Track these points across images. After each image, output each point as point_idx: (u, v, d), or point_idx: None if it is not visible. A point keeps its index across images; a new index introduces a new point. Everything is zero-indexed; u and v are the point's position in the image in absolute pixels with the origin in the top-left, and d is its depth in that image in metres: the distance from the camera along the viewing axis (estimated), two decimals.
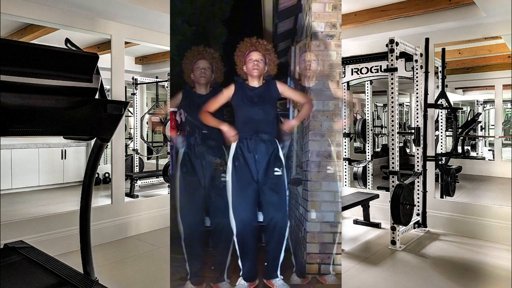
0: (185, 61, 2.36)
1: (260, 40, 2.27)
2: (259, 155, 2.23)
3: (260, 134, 2.24)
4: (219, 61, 2.38)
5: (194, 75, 2.35)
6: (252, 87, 2.28)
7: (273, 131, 2.27)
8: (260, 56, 2.25)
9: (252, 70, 2.25)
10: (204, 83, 2.36)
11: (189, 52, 2.35)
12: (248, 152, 2.23)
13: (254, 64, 2.24)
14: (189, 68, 2.36)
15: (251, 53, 2.25)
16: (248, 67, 2.26)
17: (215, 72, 2.38)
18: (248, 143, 2.24)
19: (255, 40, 2.26)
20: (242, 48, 2.27)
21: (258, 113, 2.25)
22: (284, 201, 2.25)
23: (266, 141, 2.24)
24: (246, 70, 2.27)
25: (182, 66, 2.37)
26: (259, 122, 2.25)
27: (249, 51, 2.25)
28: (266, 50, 2.26)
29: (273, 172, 2.24)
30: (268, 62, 2.28)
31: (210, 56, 2.35)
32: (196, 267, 2.31)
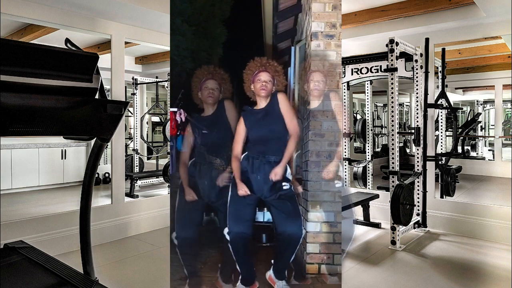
0: (194, 79, 2.36)
1: (270, 61, 2.27)
2: (261, 176, 2.23)
3: (267, 155, 2.24)
4: (228, 82, 2.38)
5: (202, 94, 2.35)
6: (259, 110, 2.29)
7: (281, 149, 2.24)
8: (269, 77, 2.26)
9: (260, 91, 2.26)
10: (212, 103, 2.36)
11: (199, 70, 2.35)
12: (251, 172, 2.24)
13: (262, 85, 2.25)
14: (197, 87, 2.36)
15: (260, 74, 2.26)
16: (256, 87, 2.26)
17: (223, 92, 2.38)
18: (254, 162, 2.24)
19: (265, 61, 2.27)
20: (252, 67, 2.28)
21: (265, 133, 2.26)
22: (297, 211, 2.23)
23: (272, 163, 2.23)
24: (254, 89, 2.28)
25: (191, 84, 2.37)
26: (267, 142, 2.25)
27: (259, 71, 2.26)
28: (275, 71, 2.27)
29: (281, 187, 2.23)
30: (276, 83, 2.28)
31: (220, 77, 2.35)
32: (196, 267, 2.31)
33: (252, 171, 2.24)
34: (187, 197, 2.31)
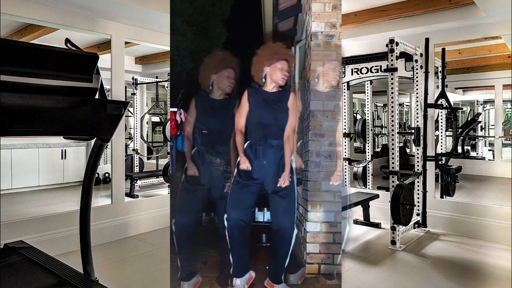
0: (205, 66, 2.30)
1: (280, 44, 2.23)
2: (267, 161, 2.22)
3: (269, 140, 2.23)
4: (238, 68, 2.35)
5: (222, 83, 2.31)
6: (267, 92, 2.25)
7: (282, 135, 2.23)
8: (287, 65, 2.23)
9: (280, 80, 2.22)
10: (230, 92, 2.34)
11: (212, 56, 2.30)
12: (255, 159, 2.23)
13: (283, 74, 2.22)
14: (207, 74, 2.30)
15: (280, 62, 2.22)
16: (277, 75, 2.22)
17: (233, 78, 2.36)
18: (256, 149, 2.23)
19: (283, 49, 2.22)
20: (266, 54, 2.23)
21: (268, 117, 2.23)
22: (293, 207, 2.23)
23: (275, 147, 2.23)
24: (270, 76, 2.23)
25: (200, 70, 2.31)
26: (269, 127, 2.23)
27: (277, 59, 2.21)
28: (290, 56, 2.25)
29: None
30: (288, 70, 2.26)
31: (237, 65, 2.32)
32: (196, 267, 2.31)
33: (255, 157, 2.22)
34: (189, 172, 2.30)
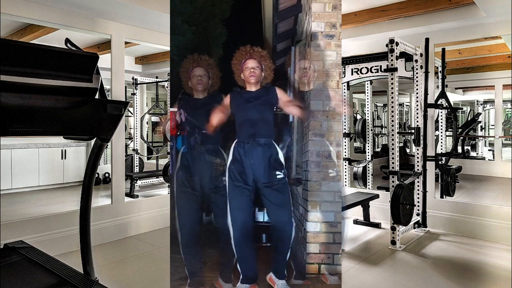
0: (182, 70, 2.41)
1: (254, 47, 2.32)
2: (255, 160, 2.24)
3: (257, 138, 2.25)
4: (215, 67, 2.42)
5: (192, 82, 2.40)
6: (249, 91, 2.33)
7: (270, 133, 2.27)
8: (256, 63, 2.31)
9: (250, 77, 2.30)
10: (202, 89, 2.41)
11: (185, 60, 2.40)
12: (244, 156, 2.25)
13: (250, 72, 2.30)
14: (186, 76, 2.42)
15: (247, 61, 2.31)
16: (245, 74, 2.31)
17: (212, 78, 2.42)
18: (245, 147, 2.25)
19: (249, 48, 2.32)
20: (238, 57, 2.33)
21: (253, 114, 2.27)
22: (288, 201, 2.25)
23: (263, 145, 2.25)
24: (243, 77, 2.32)
25: (180, 75, 2.42)
26: (255, 123, 2.26)
27: (245, 59, 2.31)
28: (261, 57, 2.32)
29: (274, 175, 2.24)
30: (264, 68, 2.33)
31: (206, 63, 2.40)
32: (196, 267, 2.31)
33: (244, 156, 2.24)
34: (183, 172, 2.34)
